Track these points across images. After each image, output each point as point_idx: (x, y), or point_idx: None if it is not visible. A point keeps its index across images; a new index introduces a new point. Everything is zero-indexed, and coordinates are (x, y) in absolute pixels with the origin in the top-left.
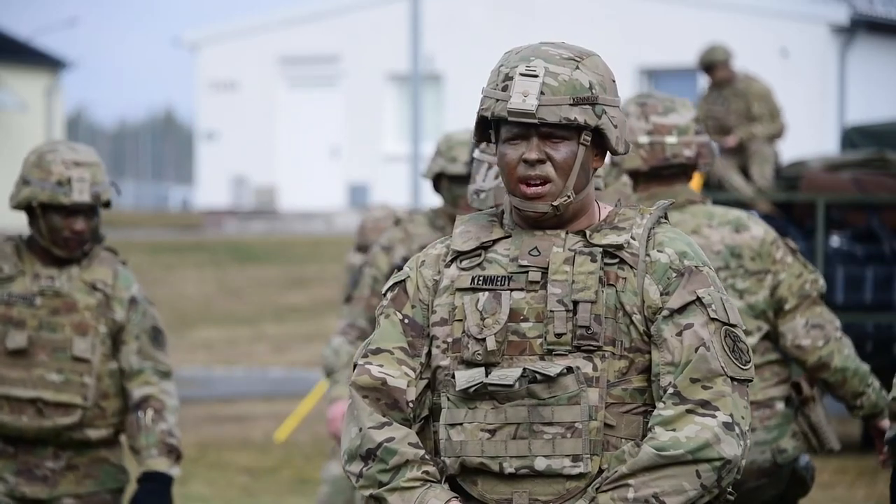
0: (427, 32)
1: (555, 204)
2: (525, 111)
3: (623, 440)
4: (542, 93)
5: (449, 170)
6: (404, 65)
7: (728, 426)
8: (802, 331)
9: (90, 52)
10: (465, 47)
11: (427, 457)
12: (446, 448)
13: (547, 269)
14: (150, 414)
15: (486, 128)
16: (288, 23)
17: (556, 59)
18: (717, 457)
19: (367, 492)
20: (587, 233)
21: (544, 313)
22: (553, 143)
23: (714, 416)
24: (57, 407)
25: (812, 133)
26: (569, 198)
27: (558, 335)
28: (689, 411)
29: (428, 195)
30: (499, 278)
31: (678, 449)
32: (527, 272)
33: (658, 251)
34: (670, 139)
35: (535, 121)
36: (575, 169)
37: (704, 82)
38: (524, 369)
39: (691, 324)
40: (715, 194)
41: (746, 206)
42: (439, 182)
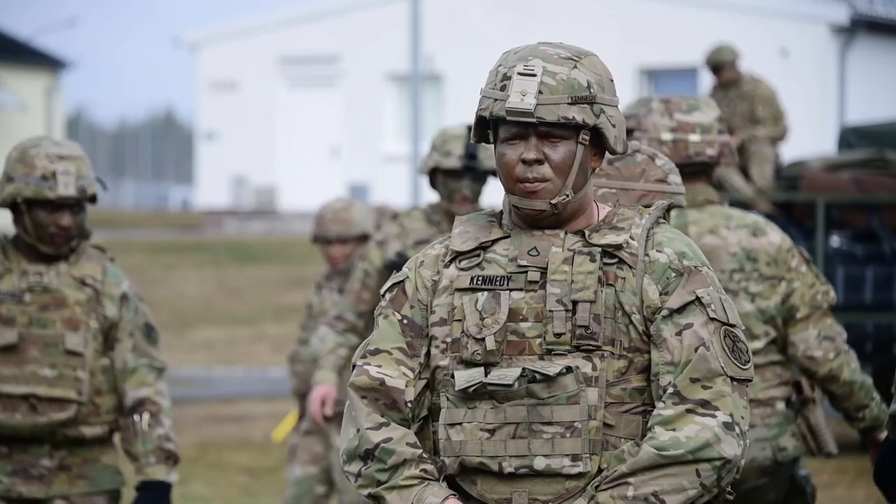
0: (427, 32)
1: (553, 202)
2: (523, 110)
3: (622, 440)
4: (540, 92)
5: (444, 164)
6: (404, 65)
7: (728, 426)
8: (815, 342)
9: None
10: (465, 47)
11: (425, 455)
12: (445, 448)
13: (546, 268)
14: (147, 418)
15: (485, 128)
16: (288, 23)
17: (554, 59)
18: (717, 456)
19: (365, 491)
20: (586, 233)
21: (543, 313)
22: (551, 142)
23: (714, 416)
24: (51, 402)
25: (812, 133)
26: (567, 196)
27: (557, 335)
28: (689, 411)
29: (428, 195)
30: (498, 278)
31: (678, 449)
32: (526, 272)
33: (657, 251)
34: (694, 137)
35: (534, 120)
36: (573, 168)
37: (706, 82)
38: (523, 369)
39: (691, 323)
40: None
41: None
42: (435, 177)
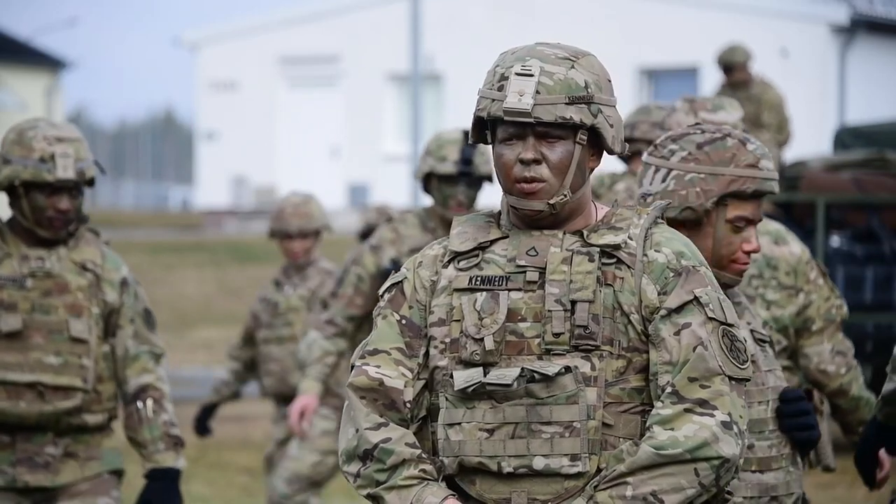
0: (427, 32)
1: (551, 202)
2: (521, 110)
3: (621, 439)
4: (537, 92)
5: (439, 169)
6: (404, 65)
7: (726, 425)
8: (829, 356)
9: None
10: (465, 47)
11: (424, 455)
12: (444, 448)
13: (545, 269)
14: (151, 404)
15: (483, 128)
16: (288, 23)
17: (551, 59)
18: (715, 455)
19: (364, 491)
20: (584, 233)
21: (542, 313)
22: (549, 142)
23: (712, 415)
24: (56, 390)
25: (812, 133)
26: (565, 196)
27: (556, 335)
28: (688, 410)
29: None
30: (496, 278)
31: (677, 448)
32: (524, 272)
33: (655, 251)
34: None
35: (531, 120)
36: (571, 168)
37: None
38: (522, 369)
39: (689, 323)
40: None
41: None
42: (429, 182)
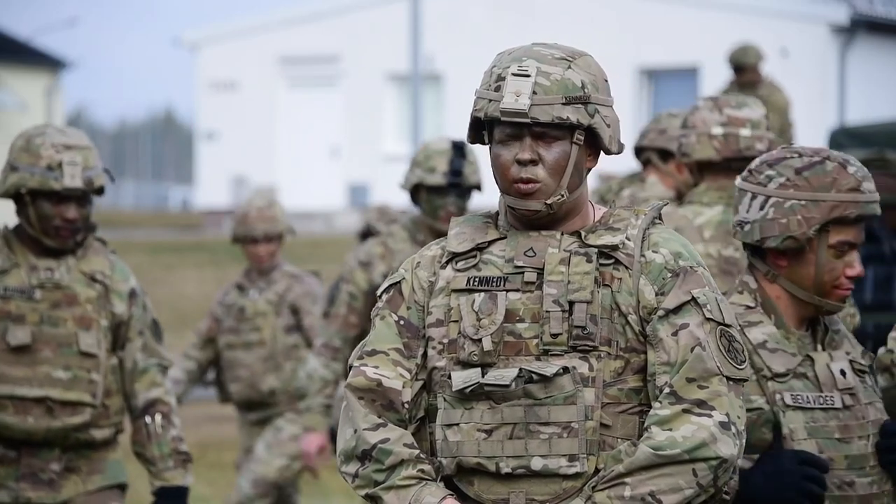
0: (427, 32)
1: (548, 202)
2: (517, 111)
3: (619, 440)
4: (534, 92)
5: (428, 181)
6: (404, 65)
7: (724, 425)
8: None
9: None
10: (465, 47)
11: (422, 456)
12: (443, 448)
13: (542, 269)
14: (160, 420)
15: (480, 129)
16: (288, 23)
17: (548, 59)
18: (713, 456)
19: (362, 491)
20: (582, 233)
21: (540, 314)
22: (546, 142)
23: (710, 416)
24: (65, 406)
25: (812, 133)
26: (562, 196)
27: (554, 335)
28: (686, 411)
29: None
30: (494, 279)
31: (675, 448)
32: (522, 273)
33: (653, 251)
34: (744, 131)
35: (528, 120)
36: (568, 168)
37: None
38: (520, 369)
39: (687, 324)
40: None
41: None
42: (417, 193)
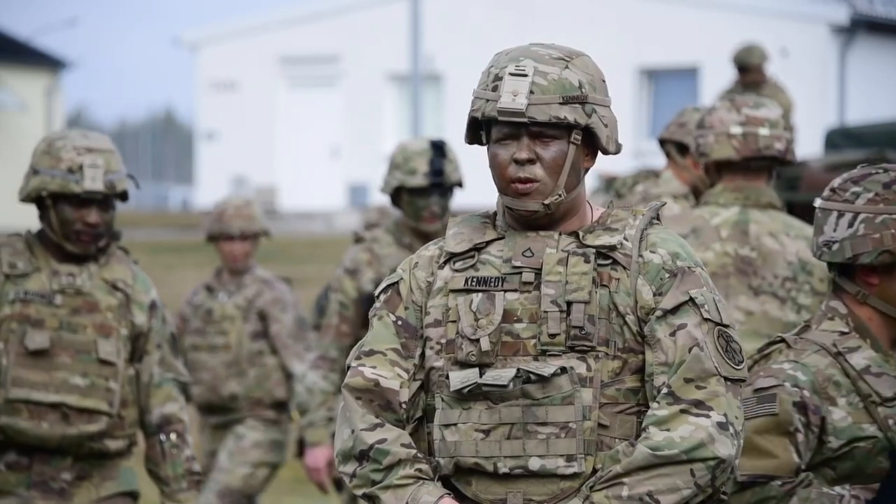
0: (427, 32)
1: (546, 202)
2: (515, 110)
3: (617, 440)
4: (531, 92)
5: (409, 183)
6: (404, 65)
7: (722, 426)
8: None
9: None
10: (465, 47)
11: (420, 455)
12: (440, 448)
13: (540, 270)
14: (174, 439)
15: (478, 129)
16: (288, 23)
17: (545, 59)
18: (711, 456)
19: (360, 491)
20: (580, 234)
21: (538, 314)
22: (543, 142)
23: (708, 416)
24: (81, 413)
25: (812, 133)
26: (560, 196)
27: (552, 336)
28: (684, 411)
29: None
30: (492, 279)
31: (673, 449)
32: (520, 273)
33: (651, 252)
34: (763, 131)
35: (525, 120)
36: (565, 168)
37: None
38: (518, 369)
39: (684, 324)
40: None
41: None
42: (398, 196)
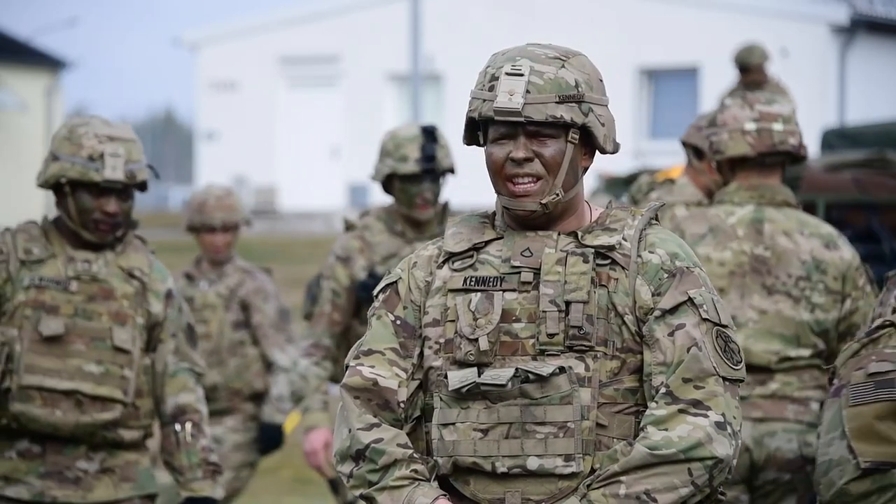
0: (427, 32)
1: (543, 202)
2: (511, 109)
3: (615, 440)
4: (527, 91)
5: (401, 170)
6: (404, 65)
7: (720, 425)
8: None
9: (90, 52)
10: (465, 47)
11: (416, 456)
12: (439, 448)
13: (539, 269)
14: (189, 428)
15: (476, 129)
16: (288, 23)
17: (541, 59)
18: (709, 456)
19: (357, 491)
20: (579, 234)
21: (536, 314)
22: (540, 141)
23: (706, 416)
24: (95, 401)
25: (812, 133)
26: (557, 196)
27: (550, 335)
28: (682, 411)
29: None
30: (491, 279)
31: (670, 448)
32: (519, 273)
33: (649, 252)
34: (777, 126)
35: (521, 119)
36: (563, 167)
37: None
38: (516, 369)
39: (683, 324)
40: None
41: None
42: (390, 183)
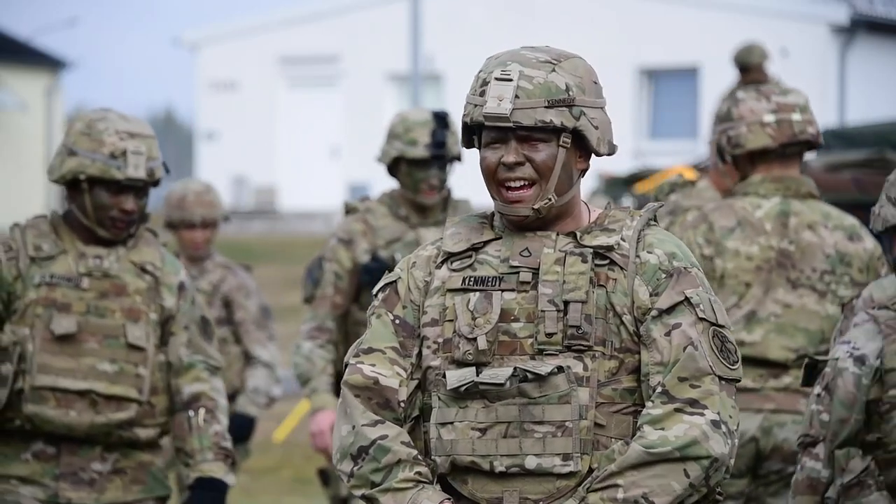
0: (427, 32)
1: (535, 207)
2: (499, 115)
3: (613, 440)
4: (516, 96)
5: (409, 154)
6: (404, 65)
7: (716, 424)
8: None
9: (90, 52)
10: (465, 47)
11: (419, 457)
12: (437, 447)
13: (538, 269)
14: (203, 414)
15: (471, 133)
16: (288, 23)
17: (532, 63)
18: (705, 454)
19: (358, 492)
20: (578, 234)
21: (535, 313)
22: (532, 145)
23: (702, 415)
24: (110, 400)
25: None
26: (550, 200)
27: (549, 335)
28: (678, 410)
29: None
30: (490, 279)
31: (666, 447)
32: (518, 273)
33: (648, 252)
34: (795, 116)
35: (510, 124)
36: (555, 171)
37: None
38: (515, 368)
39: (679, 323)
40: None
41: None
42: (396, 167)
